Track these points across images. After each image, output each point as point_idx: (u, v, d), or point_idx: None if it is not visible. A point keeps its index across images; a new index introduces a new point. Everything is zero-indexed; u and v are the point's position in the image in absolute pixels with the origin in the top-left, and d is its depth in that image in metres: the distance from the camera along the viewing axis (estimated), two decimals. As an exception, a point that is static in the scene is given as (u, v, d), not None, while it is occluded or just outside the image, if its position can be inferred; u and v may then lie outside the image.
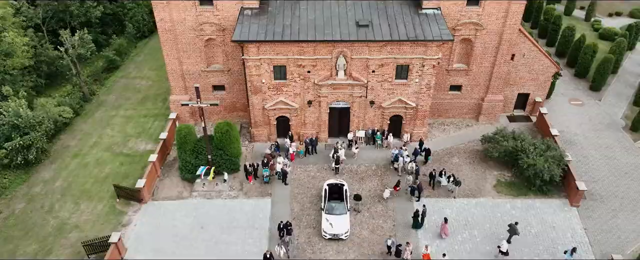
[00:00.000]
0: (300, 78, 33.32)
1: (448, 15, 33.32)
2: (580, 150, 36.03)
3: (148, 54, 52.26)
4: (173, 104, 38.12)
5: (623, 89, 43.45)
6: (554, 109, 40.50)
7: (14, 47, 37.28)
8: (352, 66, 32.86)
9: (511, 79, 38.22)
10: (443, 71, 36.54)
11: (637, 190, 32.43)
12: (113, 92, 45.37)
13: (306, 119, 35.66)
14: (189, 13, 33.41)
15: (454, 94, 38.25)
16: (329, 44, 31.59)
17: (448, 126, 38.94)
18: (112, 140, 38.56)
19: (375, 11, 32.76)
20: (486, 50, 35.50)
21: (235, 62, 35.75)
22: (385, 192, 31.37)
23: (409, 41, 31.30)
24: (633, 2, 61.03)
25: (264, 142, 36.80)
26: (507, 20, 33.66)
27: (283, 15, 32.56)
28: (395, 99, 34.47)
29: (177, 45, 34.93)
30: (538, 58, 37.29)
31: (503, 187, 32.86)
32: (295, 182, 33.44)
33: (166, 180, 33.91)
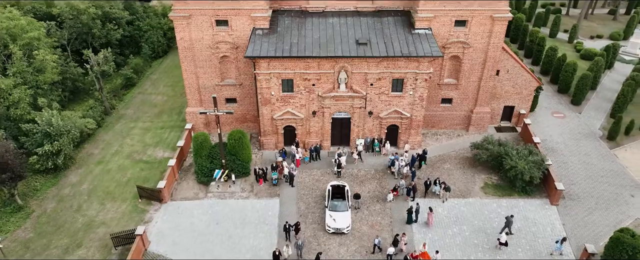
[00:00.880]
0: (306, 90, 37.03)
1: (438, 34, 37.29)
2: (560, 157, 39.47)
3: (162, 72, 56.25)
4: (189, 115, 41.73)
5: (601, 103, 47.17)
6: (537, 121, 44.14)
7: (45, 64, 41.07)
8: (353, 80, 36.63)
9: (497, 93, 41.97)
10: (435, 85, 40.31)
11: (611, 191, 35.72)
12: (131, 107, 49.06)
13: (311, 128, 39.20)
14: (206, 33, 37.39)
15: (445, 107, 41.90)
16: (332, 60, 35.44)
17: (441, 136, 42.46)
18: (132, 149, 41.99)
19: (373, 31, 36.75)
20: (473, 67, 39.35)
21: (246, 76, 39.55)
22: (389, 196, 34.47)
23: (403, 57, 35.15)
24: (613, 26, 65.55)
25: (272, 150, 40.23)
26: (491, 39, 37.63)
27: (290, 34, 36.53)
28: (392, 110, 38.10)
29: (195, 62, 38.77)
30: (521, 73, 41.15)
31: (490, 188, 36.16)
32: (301, 184, 36.74)
33: (183, 183, 37.21)
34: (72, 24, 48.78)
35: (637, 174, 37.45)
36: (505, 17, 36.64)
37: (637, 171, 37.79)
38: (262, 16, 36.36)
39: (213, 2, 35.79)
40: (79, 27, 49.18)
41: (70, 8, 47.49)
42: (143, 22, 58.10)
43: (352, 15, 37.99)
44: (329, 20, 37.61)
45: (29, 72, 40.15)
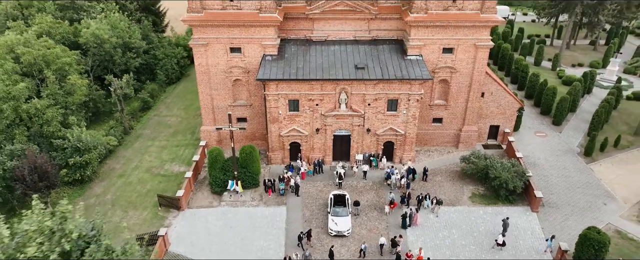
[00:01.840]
0: (310, 110, 41.29)
1: (428, 60, 41.88)
2: (541, 171, 43.39)
3: (176, 96, 60.76)
4: (203, 133, 45.85)
5: (580, 124, 51.44)
6: (521, 140, 48.27)
7: (75, 87, 45.49)
8: (352, 100, 40.96)
9: (483, 113, 46.27)
10: (426, 106, 44.64)
11: (586, 200, 39.49)
12: (148, 127, 53.24)
13: (314, 144, 43.25)
14: (221, 58, 41.99)
15: (436, 125, 46.11)
16: (334, 82, 39.86)
17: (433, 152, 46.48)
18: (150, 164, 45.90)
19: (370, 57, 41.37)
20: (461, 89, 43.79)
21: (256, 98, 43.90)
22: (386, 207, 38.07)
23: (397, 80, 39.59)
24: (593, 55, 70.66)
25: (279, 165, 44.13)
26: (475, 64, 42.22)
27: (296, 60, 41.12)
28: (387, 127, 42.25)
29: (210, 84, 43.20)
30: (504, 95, 45.58)
31: (477, 197, 39.93)
32: (306, 194, 40.50)
33: (198, 193, 40.96)
34: (96, 52, 53.53)
35: (610, 185, 41.30)
36: (487, 45, 41.34)
37: (610, 183, 41.66)
38: (271, 44, 41.05)
39: (228, 31, 40.53)
40: (102, 54, 53.90)
41: (94, 38, 52.30)
42: (158, 51, 62.99)
43: (351, 44, 42.72)
44: (331, 48, 42.28)
45: (60, 95, 44.49)
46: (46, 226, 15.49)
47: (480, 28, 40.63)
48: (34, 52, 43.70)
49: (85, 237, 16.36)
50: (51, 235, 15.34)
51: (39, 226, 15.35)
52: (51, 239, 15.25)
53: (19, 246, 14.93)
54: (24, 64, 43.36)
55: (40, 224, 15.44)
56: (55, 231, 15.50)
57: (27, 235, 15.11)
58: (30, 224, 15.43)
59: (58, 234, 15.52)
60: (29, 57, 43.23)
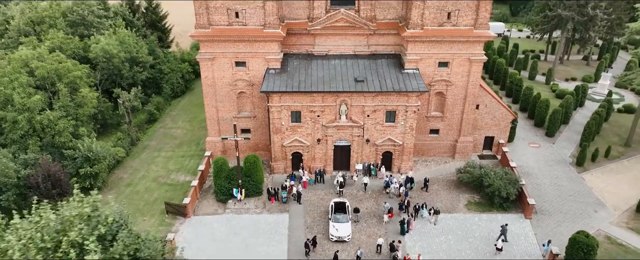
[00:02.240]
0: (312, 121, 43.05)
1: (425, 74, 43.79)
2: (535, 180, 44.98)
3: (181, 109, 62.62)
4: (209, 144, 47.53)
5: (573, 136, 53.17)
6: (515, 150, 49.95)
7: (86, 100, 47.33)
8: (352, 112, 42.75)
9: (478, 125, 48.02)
10: (423, 118, 46.42)
11: (578, 208, 41.01)
12: (154, 139, 54.95)
13: (316, 154, 44.90)
14: (227, 72, 43.92)
15: (433, 137, 47.82)
16: (334, 94, 41.71)
17: (430, 162, 48.11)
18: (157, 174, 47.48)
19: (369, 70, 43.31)
20: (456, 101, 45.62)
21: (260, 110, 45.72)
22: (384, 217, 39.51)
23: (395, 92, 41.45)
24: (586, 70, 72.80)
25: (281, 174, 45.70)
26: (470, 77, 44.13)
27: (299, 73, 43.05)
28: (386, 138, 43.97)
29: (216, 97, 45.04)
30: (498, 108, 47.41)
31: (472, 205, 41.45)
32: (307, 202, 42.02)
33: (204, 201, 42.48)
34: (105, 66, 55.54)
35: (601, 194, 42.84)
36: (480, 60, 43.31)
37: (600, 191, 43.21)
38: (274, 58, 43.03)
39: (234, 46, 42.55)
40: (111, 68, 55.90)
41: (104, 52, 54.36)
42: (164, 66, 65.04)
43: (351, 58, 44.71)
44: (332, 62, 44.25)
45: (71, 107, 46.28)
46: (85, 212, 17.19)
47: (473, 43, 42.63)
48: (47, 66, 45.65)
49: (117, 222, 18.07)
50: (89, 221, 17.04)
51: (78, 212, 17.06)
52: (89, 223, 16.96)
53: (62, 229, 16.62)
54: (38, 77, 45.25)
55: (80, 209, 17.18)
56: (92, 217, 17.19)
57: (68, 220, 16.80)
58: (70, 210, 17.16)
59: (94, 219, 17.21)
60: (42, 71, 45.14)
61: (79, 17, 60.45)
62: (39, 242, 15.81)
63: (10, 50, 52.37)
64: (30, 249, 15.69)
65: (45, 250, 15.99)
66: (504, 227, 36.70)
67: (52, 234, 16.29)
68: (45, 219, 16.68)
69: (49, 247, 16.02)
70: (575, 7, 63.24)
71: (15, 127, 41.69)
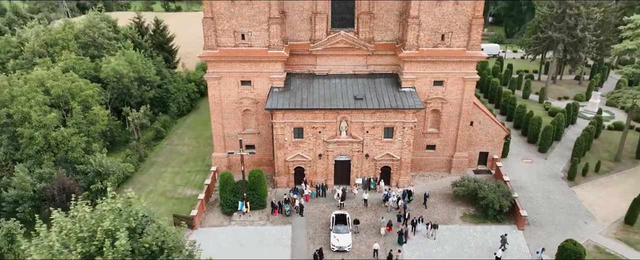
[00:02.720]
0: (313, 137, 45.15)
1: (421, 92, 46.10)
2: (528, 193, 46.84)
3: (186, 127, 64.83)
4: (214, 159, 49.53)
5: (564, 151, 55.21)
6: (509, 165, 51.91)
7: (97, 117, 49.56)
8: (352, 128, 44.89)
9: (473, 141, 50.11)
10: (420, 134, 48.53)
11: (569, 219, 42.78)
12: (161, 155, 56.98)
13: (317, 169, 46.86)
14: (232, 90, 46.24)
15: (430, 152, 49.85)
16: (335, 112, 43.93)
17: (427, 177, 50.03)
18: (164, 188, 49.35)
19: (367, 89, 45.64)
20: (451, 118, 47.82)
21: (264, 126, 47.88)
22: (382, 230, 41.20)
23: (392, 109, 43.67)
24: (578, 89, 75.30)
25: (284, 188, 47.57)
26: (464, 96, 46.42)
27: (301, 91, 45.37)
28: (384, 153, 46.00)
29: (222, 114, 47.25)
30: (491, 124, 49.59)
31: (468, 217, 43.23)
32: (309, 214, 43.81)
33: (210, 214, 44.27)
34: (115, 85, 57.96)
35: (591, 207, 44.66)
36: (473, 78, 45.69)
37: (590, 204, 45.03)
38: (278, 77, 45.43)
39: (240, 66, 44.99)
40: (120, 88, 58.32)
41: (114, 72, 56.85)
42: (171, 86, 67.52)
43: (351, 77, 47.11)
44: (332, 81, 46.64)
45: (83, 124, 48.44)
46: (117, 207, 19.29)
47: (466, 63, 45.07)
48: (61, 85, 47.98)
49: (146, 217, 20.12)
50: (120, 214, 19.09)
51: (111, 207, 19.13)
52: (121, 216, 19.02)
53: (97, 220, 18.68)
54: (53, 96, 47.52)
55: (113, 205, 19.29)
56: (123, 211, 19.25)
57: (102, 214, 18.86)
58: (104, 205, 19.30)
59: (125, 213, 19.27)
60: (57, 90, 47.44)
61: (90, 39, 63.20)
62: (78, 232, 17.86)
63: (25, 70, 54.79)
64: (71, 239, 17.73)
65: (83, 240, 18.02)
66: (503, 237, 38.42)
67: (88, 226, 18.34)
68: (82, 212, 18.82)
69: (85, 236, 18.07)
70: (565, 29, 66.06)
71: (32, 143, 43.76)
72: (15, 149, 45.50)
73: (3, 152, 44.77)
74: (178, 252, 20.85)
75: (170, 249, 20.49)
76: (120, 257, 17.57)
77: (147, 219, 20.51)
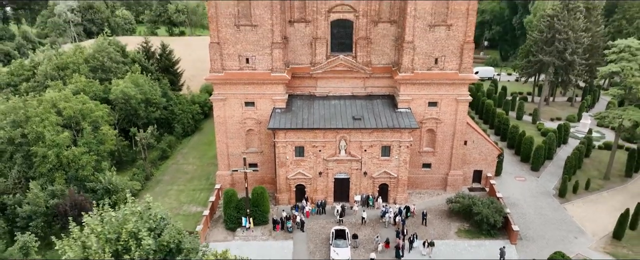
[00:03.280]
0: (314, 155, 47.21)
1: (416, 112, 48.38)
2: (520, 210, 48.63)
3: (191, 147, 66.94)
4: (219, 177, 51.47)
5: (556, 170, 57.17)
6: (503, 183, 53.82)
7: (106, 137, 51.74)
8: (351, 147, 47.02)
9: (467, 159, 52.14)
10: (416, 153, 50.61)
11: (559, 234, 44.49)
12: (167, 174, 58.93)
13: (317, 186, 48.76)
14: (237, 111, 48.55)
15: (426, 170, 51.85)
16: (334, 131, 46.12)
17: (423, 194, 51.87)
18: (170, 206, 51.12)
19: (365, 109, 47.95)
20: (446, 138, 49.99)
21: (266, 145, 49.98)
22: (379, 246, 42.80)
23: (389, 129, 45.88)
24: (570, 110, 77.74)
25: (285, 205, 49.37)
26: (457, 116, 48.70)
27: (302, 112, 47.67)
28: (382, 171, 47.98)
29: (226, 134, 49.44)
30: (484, 143, 51.74)
31: (462, 233, 44.93)
32: (310, 230, 45.52)
33: (214, 230, 45.98)
34: (123, 107, 60.34)
35: (581, 222, 46.40)
36: (466, 100, 48.06)
37: (581, 220, 46.79)
38: (280, 98, 47.80)
39: (244, 88, 47.42)
40: (128, 109, 60.68)
41: (123, 95, 59.30)
42: (176, 107, 69.93)
43: (349, 98, 49.50)
44: (332, 102, 49.00)
45: (93, 143, 50.59)
46: (137, 210, 21.33)
47: (459, 85, 47.52)
48: (73, 107, 50.32)
49: (164, 220, 22.12)
50: (141, 217, 21.10)
51: (132, 210, 21.17)
52: (142, 217, 21.03)
53: (120, 223, 20.68)
54: (65, 116, 49.79)
55: (134, 208, 21.35)
56: (143, 214, 21.28)
57: (125, 217, 20.89)
58: (126, 209, 21.40)
59: (146, 215, 21.30)
60: (69, 111, 49.75)
61: (99, 63, 65.97)
62: (107, 234, 19.85)
63: (37, 92, 57.25)
64: (100, 239, 19.68)
65: (110, 241, 19.98)
66: (502, 249, 40.12)
67: (114, 227, 20.34)
68: (108, 216, 20.85)
69: (112, 237, 20.04)
70: (555, 53, 68.87)
71: (45, 161, 45.82)
72: (29, 167, 47.53)
73: (17, 170, 46.72)
74: (195, 253, 22.76)
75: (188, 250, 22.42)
76: (145, 256, 19.52)
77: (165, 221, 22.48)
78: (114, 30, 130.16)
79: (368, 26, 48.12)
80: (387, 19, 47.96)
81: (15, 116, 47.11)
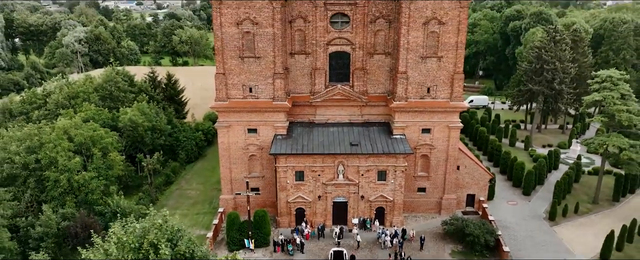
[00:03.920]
0: (313, 179, 49.48)
1: (410, 139, 50.94)
2: (512, 232, 50.56)
3: (195, 173, 69.20)
4: (222, 201, 53.58)
5: (546, 195, 59.25)
6: (495, 207, 55.87)
7: (115, 163, 54.12)
8: (348, 171, 49.36)
9: (460, 183, 54.38)
10: (411, 177, 52.89)
11: (549, 256, 46.35)
12: (171, 199, 60.98)
13: (317, 210, 50.83)
14: (240, 138, 51.12)
15: (420, 194, 54.01)
16: (332, 156, 48.57)
17: (419, 218, 53.87)
18: (174, 229, 52.94)
19: (362, 136, 50.53)
20: (439, 163, 52.39)
21: (268, 170, 52.32)
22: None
23: (385, 154, 48.34)
24: (562, 137, 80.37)
25: (286, 228, 51.29)
26: (449, 142, 51.26)
27: (302, 138, 50.23)
28: (378, 195, 50.15)
29: (230, 159, 51.85)
30: (476, 168, 54.10)
31: (456, 254, 46.79)
32: (310, 252, 47.37)
33: (217, 251, 47.76)
34: (130, 134, 62.91)
35: (570, 244, 48.29)
36: (457, 126, 50.75)
37: (570, 242, 48.69)
38: (281, 125, 50.46)
39: (247, 116, 50.15)
40: (135, 136, 63.24)
41: (131, 122, 61.97)
42: (180, 134, 72.52)
43: (347, 125, 52.16)
44: (330, 129, 51.64)
45: (102, 168, 52.91)
46: (157, 222, 23.61)
47: (451, 113, 50.29)
48: (84, 134, 52.90)
49: (180, 231, 24.36)
50: (160, 228, 23.36)
51: (153, 222, 23.46)
52: (161, 229, 23.29)
53: (142, 234, 22.92)
54: (76, 143, 52.30)
55: (154, 220, 23.64)
56: (162, 225, 23.56)
57: (146, 228, 23.16)
58: (146, 221, 23.68)
59: (165, 227, 23.56)
60: (80, 138, 52.30)
61: (107, 92, 68.97)
62: (130, 243, 22.08)
63: (48, 120, 59.94)
64: (125, 248, 21.89)
65: (133, 250, 22.17)
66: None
67: (136, 237, 22.59)
68: (132, 227, 23.14)
69: (134, 247, 22.24)
70: (544, 82, 71.99)
71: (57, 185, 48.06)
72: (41, 191, 49.69)
73: (30, 194, 48.86)
74: (206, 259, 25.11)
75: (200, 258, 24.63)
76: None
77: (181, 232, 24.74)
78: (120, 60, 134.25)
79: (364, 58, 51.23)
80: (381, 51, 51.13)
81: (30, 142, 49.59)
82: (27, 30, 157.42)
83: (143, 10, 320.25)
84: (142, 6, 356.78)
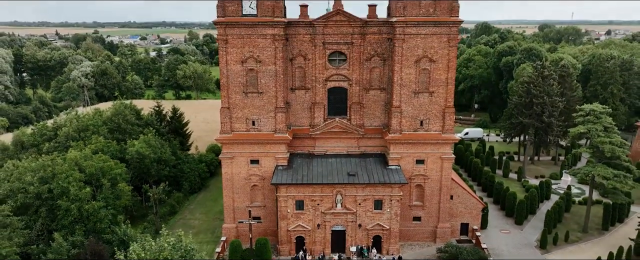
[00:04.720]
0: (313, 208, 51.74)
1: (405, 170, 53.49)
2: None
3: (198, 203, 71.30)
4: (225, 229, 55.61)
5: (538, 224, 61.28)
6: (489, 236, 57.83)
7: (123, 193, 56.44)
8: (346, 201, 51.69)
9: (453, 212, 56.55)
10: (407, 207, 55.14)
11: (540, 281, 48.22)
12: (175, 228, 62.69)
13: (316, 238, 52.82)
14: (243, 169, 53.70)
15: (416, 223, 56.10)
16: (331, 186, 51.01)
17: (415, 246, 55.77)
18: (178, 257, 54.78)
19: (359, 166, 53.12)
20: (433, 192, 54.76)
21: (269, 200, 54.62)
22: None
23: (381, 184, 50.80)
24: (554, 168, 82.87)
25: (287, 256, 53.14)
26: (443, 172, 53.82)
27: (302, 169, 52.81)
28: (375, 223, 52.30)
29: (233, 189, 54.25)
30: (469, 198, 56.41)
31: (450, 280, 48.58)
32: (309, 279, 49.13)
33: (220, 279, 49.54)
34: (137, 165, 65.43)
35: (560, 271, 50.20)
36: (450, 158, 53.43)
37: (560, 268, 50.60)
38: (282, 157, 53.14)
39: (250, 147, 52.90)
40: (142, 167, 65.74)
41: (138, 154, 64.62)
42: (184, 166, 75.03)
43: (345, 156, 54.85)
44: (329, 160, 54.29)
45: (111, 198, 55.21)
46: (171, 240, 25.97)
47: (443, 144, 53.09)
48: (95, 165, 55.48)
49: (192, 250, 26.67)
50: (174, 246, 25.69)
51: (167, 240, 25.82)
52: (175, 247, 25.61)
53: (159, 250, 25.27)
54: (87, 173, 54.80)
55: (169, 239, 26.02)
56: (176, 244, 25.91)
57: (161, 246, 25.51)
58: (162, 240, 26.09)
59: (178, 245, 25.90)
60: (91, 169, 54.85)
61: (115, 124, 71.96)
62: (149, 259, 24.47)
63: (59, 151, 62.60)
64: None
65: None
66: None
67: (153, 254, 24.91)
68: (149, 244, 25.49)
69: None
70: (534, 115, 75.18)
71: (67, 214, 50.26)
72: (51, 220, 51.82)
73: (41, 223, 50.98)
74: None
75: None
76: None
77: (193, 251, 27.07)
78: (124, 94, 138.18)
79: (360, 93, 54.45)
80: (377, 86, 54.37)
81: (43, 173, 52.09)
82: (35, 65, 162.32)
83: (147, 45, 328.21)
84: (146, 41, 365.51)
